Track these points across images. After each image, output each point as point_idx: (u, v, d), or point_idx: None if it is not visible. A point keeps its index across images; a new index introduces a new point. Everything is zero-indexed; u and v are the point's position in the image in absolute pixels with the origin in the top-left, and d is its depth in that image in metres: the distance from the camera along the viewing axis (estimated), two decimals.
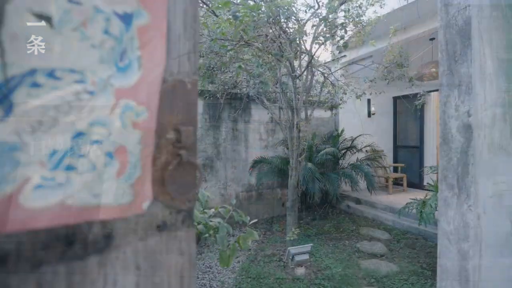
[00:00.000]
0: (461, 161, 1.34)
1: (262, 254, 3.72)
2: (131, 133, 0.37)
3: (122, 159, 0.37)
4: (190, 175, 0.48)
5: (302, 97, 3.24)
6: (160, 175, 0.44)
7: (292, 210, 3.37)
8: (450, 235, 1.38)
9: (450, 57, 1.40)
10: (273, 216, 5.61)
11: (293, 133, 3.19)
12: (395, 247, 3.98)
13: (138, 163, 0.38)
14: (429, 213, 3.15)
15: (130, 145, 0.37)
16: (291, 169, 3.32)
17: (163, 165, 0.44)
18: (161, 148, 0.44)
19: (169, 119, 0.46)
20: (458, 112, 1.36)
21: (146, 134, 0.39)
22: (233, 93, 5.04)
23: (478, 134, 1.32)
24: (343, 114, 6.49)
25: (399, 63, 3.59)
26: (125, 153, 0.37)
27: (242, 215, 1.33)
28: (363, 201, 5.79)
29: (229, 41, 1.75)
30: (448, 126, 1.41)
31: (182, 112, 0.47)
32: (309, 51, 2.98)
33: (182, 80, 0.48)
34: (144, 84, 0.40)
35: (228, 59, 1.67)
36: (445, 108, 1.43)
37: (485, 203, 1.38)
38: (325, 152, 5.14)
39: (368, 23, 3.83)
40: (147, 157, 0.40)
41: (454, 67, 1.38)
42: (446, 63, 1.43)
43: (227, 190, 5.19)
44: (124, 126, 0.37)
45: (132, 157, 0.37)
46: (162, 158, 0.44)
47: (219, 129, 5.09)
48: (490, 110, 1.41)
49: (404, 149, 7.28)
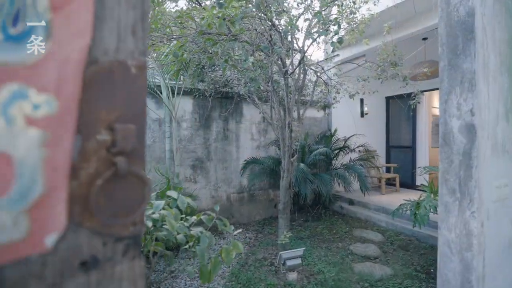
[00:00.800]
0: (464, 164, 1.25)
1: (253, 258, 3.60)
2: (23, 134, 0.25)
3: (3, 172, 0.24)
4: (134, 190, 0.36)
5: (294, 96, 3.13)
6: (85, 191, 0.31)
7: (284, 212, 3.26)
8: (452, 243, 1.28)
9: (451, 51, 1.30)
10: (265, 218, 5.50)
11: (285, 133, 3.08)
12: (388, 249, 3.91)
13: (38, 177, 0.25)
14: (423, 215, 3.08)
15: (19, 151, 0.24)
16: (283, 170, 3.21)
17: (89, 177, 0.32)
18: (87, 154, 0.32)
19: (102, 114, 0.33)
20: (460, 111, 1.26)
21: (56, 134, 0.27)
22: (224, 92, 4.91)
23: (481, 134, 1.22)
24: (336, 114, 6.43)
25: (393, 61, 3.51)
26: (9, 163, 0.24)
27: (226, 223, 1.21)
28: (356, 202, 5.73)
29: (216, 35, 1.63)
30: (449, 126, 1.31)
31: (123, 105, 0.35)
32: (301, 48, 2.87)
33: (123, 61, 0.35)
34: (52, 62, 0.27)
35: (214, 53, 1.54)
36: (446, 106, 1.33)
37: (489, 208, 1.29)
38: (318, 153, 5.05)
39: (361, 21, 3.75)
40: (59, 167, 0.27)
41: (456, 62, 1.28)
42: (446, 57, 1.33)
43: (218, 192, 5.05)
44: (8, 123, 0.24)
45: (23, 169, 0.25)
46: (88, 168, 0.32)
47: (209, 129, 4.95)
48: (493, 108, 1.31)
49: (397, 149, 7.27)
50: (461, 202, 1.28)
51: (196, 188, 4.81)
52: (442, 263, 1.34)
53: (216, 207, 1.28)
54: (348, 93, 4.22)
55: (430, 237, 4.07)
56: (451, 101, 1.33)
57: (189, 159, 4.76)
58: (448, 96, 1.35)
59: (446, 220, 1.34)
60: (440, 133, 1.39)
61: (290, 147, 3.12)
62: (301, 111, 3.74)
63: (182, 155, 4.69)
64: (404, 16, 4.51)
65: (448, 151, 1.34)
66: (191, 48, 1.71)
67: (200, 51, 1.62)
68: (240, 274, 3.17)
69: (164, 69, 3.49)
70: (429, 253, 3.77)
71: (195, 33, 1.67)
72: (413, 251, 3.84)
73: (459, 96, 1.29)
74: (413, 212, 3.33)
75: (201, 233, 1.16)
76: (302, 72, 3.30)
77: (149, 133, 4.39)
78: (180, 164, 4.63)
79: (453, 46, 1.32)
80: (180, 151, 4.67)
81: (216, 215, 1.26)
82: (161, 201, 0.97)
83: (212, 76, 4.50)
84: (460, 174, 1.28)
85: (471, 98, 1.22)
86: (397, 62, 3.49)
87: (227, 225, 1.24)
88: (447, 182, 1.34)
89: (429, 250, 3.85)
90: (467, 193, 1.23)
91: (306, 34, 2.45)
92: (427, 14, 4.38)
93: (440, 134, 1.39)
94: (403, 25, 4.64)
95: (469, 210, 1.22)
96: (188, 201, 1.17)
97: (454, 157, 1.31)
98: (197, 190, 4.81)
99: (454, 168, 1.31)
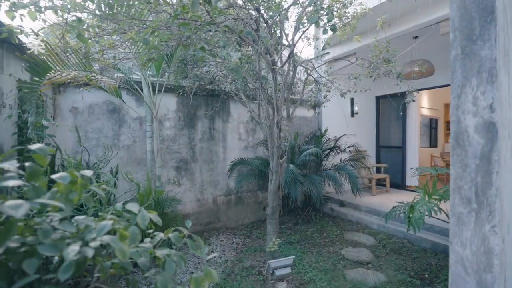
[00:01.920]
0: (482, 169, 1.06)
1: (240, 266, 3.38)
2: None
3: None
4: None
5: (284, 93, 2.93)
6: None
7: (273, 217, 3.05)
8: (467, 262, 1.09)
9: (466, 36, 1.12)
10: (254, 221, 5.29)
11: (274, 132, 2.87)
12: (381, 253, 3.77)
13: None
14: (418, 219, 2.93)
15: None
16: (271, 173, 3.00)
17: None
18: None
19: None
20: (477, 107, 1.08)
21: None
22: (210, 89, 4.67)
23: (502, 133, 1.04)
24: (326, 113, 6.28)
25: (386, 58, 3.36)
26: None
27: (201, 243, 0.99)
28: (346, 203, 5.60)
29: (192, 19, 1.40)
30: (463, 125, 1.13)
31: None
32: (291, 41, 2.67)
33: None
34: None
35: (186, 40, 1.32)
36: (459, 101, 1.15)
37: (510, 220, 1.11)
38: (308, 153, 4.88)
39: (353, 16, 3.58)
40: None
41: (472, 49, 1.10)
42: (459, 45, 1.14)
43: (204, 194, 4.80)
44: None
45: None
46: None
47: (194, 128, 4.69)
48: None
49: (387, 149, 7.20)
50: (478, 213, 1.09)
51: (180, 191, 4.55)
52: (455, 284, 1.15)
53: (188, 222, 1.06)
54: (340, 91, 4.05)
55: (422, 240, 3.96)
56: (466, 95, 1.14)
57: (172, 160, 4.49)
58: (462, 90, 1.16)
59: (459, 234, 1.15)
60: (451, 133, 1.20)
61: (279, 147, 2.91)
62: (290, 109, 3.55)
63: (165, 156, 4.41)
64: (395, 14, 4.39)
65: (461, 153, 1.15)
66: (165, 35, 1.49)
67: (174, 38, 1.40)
68: (226, 285, 2.95)
69: (139, 60, 3.22)
70: (422, 257, 3.65)
71: (168, 18, 1.44)
72: (406, 255, 3.71)
73: (475, 89, 1.10)
74: (407, 215, 3.18)
75: (167, 257, 0.93)
76: (292, 69, 3.11)
77: (129, 133, 4.10)
78: (162, 166, 4.36)
79: (468, 30, 1.13)
80: (163, 152, 4.40)
81: (188, 232, 1.04)
82: (106, 222, 0.74)
83: (198, 73, 4.25)
84: (476, 181, 1.09)
85: (491, 91, 1.04)
86: (390, 59, 3.33)
87: (201, 244, 1.01)
88: (460, 190, 1.16)
89: (422, 254, 3.73)
90: (485, 203, 1.04)
91: (297, 21, 2.25)
92: (419, 12, 4.28)
93: (451, 135, 1.20)
94: (394, 22, 4.53)
95: (489, 224, 1.04)
96: (151, 217, 0.94)
97: (470, 161, 1.12)
98: (181, 193, 4.55)
99: (469, 173, 1.12)
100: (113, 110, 3.99)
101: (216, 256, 3.73)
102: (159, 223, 0.95)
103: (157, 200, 3.60)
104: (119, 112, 4.03)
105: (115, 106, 4.00)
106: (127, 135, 4.10)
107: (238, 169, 5.09)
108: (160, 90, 3.96)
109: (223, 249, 3.99)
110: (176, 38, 1.48)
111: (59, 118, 3.60)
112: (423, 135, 9.15)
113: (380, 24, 3.08)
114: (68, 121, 3.65)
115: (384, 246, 3.98)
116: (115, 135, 4.00)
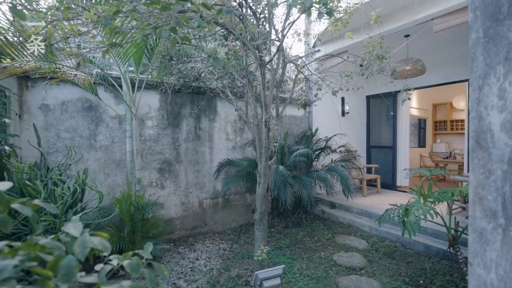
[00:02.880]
0: (510, 176, 0.89)
1: (226, 276, 3.15)
2: None
3: None
4: None
5: (272, 90, 2.72)
6: None
7: (261, 223, 2.84)
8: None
9: (490, 16, 0.93)
10: (242, 224, 5.07)
11: (262, 132, 2.66)
12: (374, 258, 3.62)
13: None
14: (414, 223, 2.79)
15: None
16: (259, 175, 2.79)
17: None
18: None
19: None
20: (505, 100, 0.89)
21: None
22: (195, 86, 4.42)
23: None
24: (317, 113, 6.13)
25: (379, 55, 3.21)
26: None
27: (163, 272, 0.77)
28: (338, 205, 5.46)
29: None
30: (485, 122, 0.94)
31: None
32: (280, 32, 2.47)
33: None
34: None
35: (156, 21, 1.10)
36: (480, 94, 0.96)
37: None
38: (298, 154, 4.70)
39: (346, 10, 3.42)
40: None
41: (497, 30, 0.91)
42: (481, 26, 0.96)
43: (189, 198, 4.54)
44: None
45: None
46: None
47: (178, 127, 4.43)
48: None
49: (377, 149, 7.12)
50: (506, 230, 0.90)
51: (164, 194, 4.28)
52: None
53: (148, 246, 0.83)
54: (331, 89, 3.89)
55: (415, 243, 3.84)
56: (489, 87, 0.95)
57: (155, 162, 4.22)
58: (484, 80, 0.97)
59: (481, 254, 0.96)
60: (470, 133, 1.01)
61: (267, 148, 2.71)
62: (280, 108, 3.35)
63: (147, 157, 4.14)
64: (387, 11, 4.27)
65: (484, 157, 0.96)
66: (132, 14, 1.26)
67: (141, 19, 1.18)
68: None
69: (116, 53, 2.95)
70: (416, 261, 3.52)
71: None
72: (400, 259, 3.57)
73: (502, 79, 0.91)
74: (401, 218, 3.04)
75: None
76: (282, 64, 2.91)
77: (107, 132, 3.81)
78: (144, 168, 4.08)
79: (492, 8, 0.94)
80: (145, 153, 4.12)
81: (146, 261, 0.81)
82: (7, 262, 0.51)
83: (182, 69, 3.99)
84: (504, 190, 0.91)
85: None
86: (384, 56, 3.18)
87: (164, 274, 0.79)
88: (482, 201, 0.97)
89: (415, 258, 3.60)
90: None
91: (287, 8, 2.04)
92: (411, 9, 4.17)
93: (470, 134, 1.01)
94: (385, 20, 4.41)
95: None
96: (95, 242, 0.71)
97: (494, 166, 0.93)
98: (164, 197, 4.28)
99: (494, 181, 0.93)
100: (89, 108, 3.68)
101: (201, 264, 3.49)
102: (106, 250, 0.72)
103: (137, 205, 3.33)
104: (96, 110, 3.74)
105: (91, 103, 3.70)
106: (105, 135, 3.80)
107: (225, 171, 4.86)
108: (140, 87, 3.69)
109: (208, 256, 3.76)
110: (145, 19, 1.24)
111: (27, 116, 3.27)
112: (412, 135, 9.16)
113: (374, 18, 2.93)
114: (38, 120, 3.33)
115: (377, 250, 3.83)
116: (92, 135, 3.70)
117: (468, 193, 0.99)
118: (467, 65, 5.67)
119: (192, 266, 3.44)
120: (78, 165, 3.56)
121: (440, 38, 5.31)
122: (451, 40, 5.33)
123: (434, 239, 3.87)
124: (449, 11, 3.79)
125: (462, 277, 3.05)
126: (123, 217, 3.26)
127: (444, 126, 9.48)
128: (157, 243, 3.52)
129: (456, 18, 3.78)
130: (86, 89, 3.31)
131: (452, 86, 6.35)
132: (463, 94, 8.21)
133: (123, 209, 3.21)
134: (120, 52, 2.94)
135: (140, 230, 3.41)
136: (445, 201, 3.00)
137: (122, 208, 3.21)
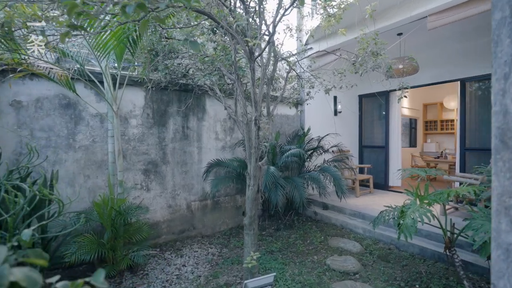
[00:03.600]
0: None
1: (214, 284, 2.97)
2: None
3: None
4: None
5: (263, 86, 2.56)
6: None
7: (251, 228, 2.68)
8: None
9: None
10: (232, 227, 4.89)
11: (252, 131, 2.49)
12: (368, 261, 3.51)
13: None
14: (410, 226, 2.67)
15: None
16: (249, 177, 2.63)
17: None
18: None
19: None
20: None
21: None
22: (183, 83, 4.22)
23: None
24: (309, 112, 6.01)
25: (374, 51, 3.09)
26: None
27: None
28: (330, 206, 5.34)
29: None
30: (511, 117, 0.80)
31: None
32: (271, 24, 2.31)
33: None
34: None
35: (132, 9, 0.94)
36: (506, 84, 0.81)
37: None
38: (290, 154, 4.55)
39: (339, 6, 3.29)
40: None
41: None
42: (508, 2, 0.82)
43: (176, 200, 4.33)
44: None
45: None
46: None
47: (165, 126, 4.22)
48: None
49: (370, 149, 7.05)
50: None
51: (149, 196, 4.07)
52: None
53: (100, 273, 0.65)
54: (324, 87, 3.75)
55: (410, 245, 3.74)
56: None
57: (140, 163, 4.00)
58: (511, 69, 0.82)
59: (508, 275, 0.81)
60: (494, 130, 0.86)
61: (257, 148, 2.54)
62: (271, 106, 3.19)
63: (131, 158, 3.91)
64: (381, 7, 4.17)
65: (510, 159, 0.81)
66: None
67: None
68: None
69: (94, 45, 2.73)
70: (411, 264, 3.42)
71: None
72: (394, 262, 3.47)
73: None
74: (397, 221, 2.92)
75: None
76: (273, 59, 2.75)
77: (88, 132, 3.57)
78: (128, 169, 3.86)
79: None
80: (130, 153, 3.90)
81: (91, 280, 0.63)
82: None
83: (169, 65, 3.78)
84: None
85: None
86: (378, 52, 3.06)
87: None
88: (509, 211, 0.82)
89: (410, 260, 3.50)
90: None
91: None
92: (405, 6, 4.08)
93: (493, 132, 0.86)
94: (379, 17, 4.31)
95: None
96: (19, 275, 0.53)
97: None
98: (150, 199, 4.06)
99: None
100: (67, 105, 3.44)
101: (188, 271, 3.30)
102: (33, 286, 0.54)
103: (119, 209, 3.11)
104: (75, 107, 3.49)
105: (70, 100, 3.45)
106: (85, 134, 3.56)
107: (214, 172, 4.67)
108: (122, 83, 3.46)
109: (196, 261, 3.57)
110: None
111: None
112: (403, 135, 9.15)
113: (369, 12, 2.80)
114: (9, 118, 3.08)
115: (371, 253, 3.72)
116: (70, 134, 3.46)
117: (492, 202, 0.84)
118: (460, 64, 5.61)
119: (179, 274, 3.24)
120: (55, 167, 3.32)
121: (432, 37, 5.26)
122: (445, 38, 5.29)
123: (429, 241, 3.78)
124: (444, 7, 3.70)
125: (459, 281, 2.95)
126: (104, 222, 3.04)
127: (435, 126, 9.52)
128: (140, 249, 3.31)
129: (450, 16, 3.70)
130: (63, 85, 3.07)
131: (442, 86, 6.33)
132: (454, 94, 8.24)
133: (103, 213, 3.00)
134: (99, 44, 2.72)
135: (122, 236, 3.19)
136: (441, 202, 2.90)
137: (102, 213, 2.99)
